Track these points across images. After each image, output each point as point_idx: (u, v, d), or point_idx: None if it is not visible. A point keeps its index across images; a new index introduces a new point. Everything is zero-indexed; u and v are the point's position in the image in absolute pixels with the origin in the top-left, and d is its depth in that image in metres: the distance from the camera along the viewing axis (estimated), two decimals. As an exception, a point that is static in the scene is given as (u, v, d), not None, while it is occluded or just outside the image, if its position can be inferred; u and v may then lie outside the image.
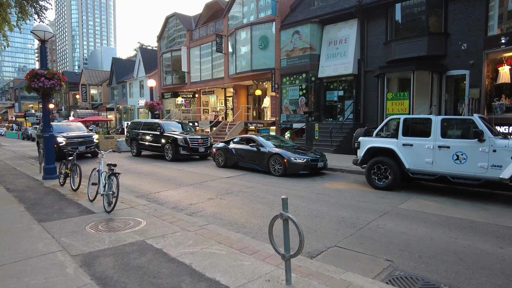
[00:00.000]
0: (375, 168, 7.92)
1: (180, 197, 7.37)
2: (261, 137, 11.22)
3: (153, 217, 5.45)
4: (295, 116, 18.27)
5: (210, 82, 25.01)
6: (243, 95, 24.02)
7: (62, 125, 15.59)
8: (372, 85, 15.66)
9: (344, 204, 6.59)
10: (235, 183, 8.90)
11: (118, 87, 41.17)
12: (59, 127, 15.19)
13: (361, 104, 16.22)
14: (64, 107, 54.30)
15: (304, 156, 9.81)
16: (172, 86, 28.69)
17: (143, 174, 10.55)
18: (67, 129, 15.28)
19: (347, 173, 10.34)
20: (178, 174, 10.52)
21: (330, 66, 16.81)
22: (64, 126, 15.52)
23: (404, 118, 7.76)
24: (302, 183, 8.84)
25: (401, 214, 5.90)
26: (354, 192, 7.67)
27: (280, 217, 3.15)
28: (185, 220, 5.30)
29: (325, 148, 14.44)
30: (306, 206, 6.49)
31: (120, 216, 5.50)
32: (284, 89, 18.98)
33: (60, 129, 15.06)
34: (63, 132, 14.67)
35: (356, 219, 5.62)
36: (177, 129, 15.18)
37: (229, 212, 6.14)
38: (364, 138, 8.38)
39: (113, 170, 5.84)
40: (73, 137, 14.06)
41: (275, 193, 7.62)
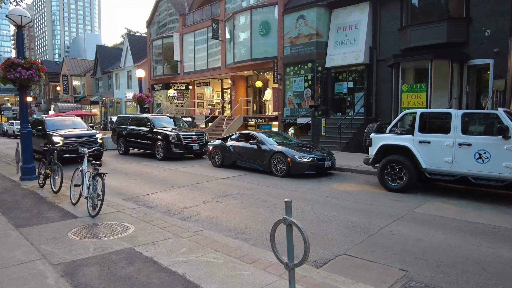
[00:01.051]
0: (388, 168, 7.93)
1: (172, 200, 7.38)
2: (262, 134, 11.22)
3: (143, 222, 5.46)
4: (300, 110, 18.26)
5: (206, 72, 24.98)
6: (242, 86, 23.99)
7: (57, 121, 14.06)
8: (385, 76, 15.63)
9: (354, 208, 6.60)
10: (233, 185, 8.91)
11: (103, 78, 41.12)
12: (53, 123, 13.69)
13: (373, 97, 16.19)
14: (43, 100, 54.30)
15: (310, 155, 9.81)
16: (163, 76, 28.67)
17: (132, 175, 10.56)
18: (64, 125, 13.77)
19: (357, 173, 10.34)
20: (170, 175, 10.52)
21: (339, 54, 16.77)
22: (60, 122, 13.99)
23: (421, 113, 7.75)
24: (308, 184, 8.84)
25: (417, 219, 5.90)
26: (365, 195, 7.67)
27: (283, 222, 3.14)
28: (178, 225, 5.30)
29: (333, 146, 14.44)
30: (311, 209, 6.49)
31: (106, 221, 5.51)
32: (287, 80, 18.95)
33: (55, 125, 13.55)
34: (59, 129, 13.20)
35: (367, 224, 5.63)
36: (169, 124, 15.17)
37: (226, 216, 6.15)
38: (377, 134, 8.38)
39: (98, 170, 5.85)
40: (72, 136, 12.66)
41: (278, 196, 7.63)
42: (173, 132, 13.82)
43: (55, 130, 12.99)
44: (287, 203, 3.15)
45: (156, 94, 30.69)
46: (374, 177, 9.43)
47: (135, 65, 32.78)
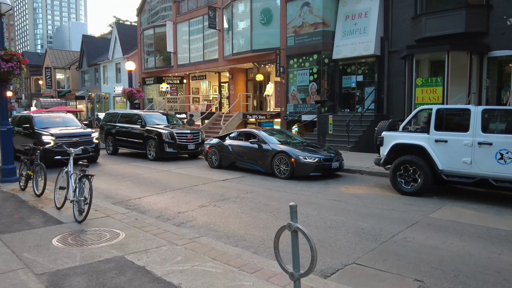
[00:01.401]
0: (401, 169, 7.93)
1: (166, 204, 7.38)
2: (263, 132, 11.22)
3: (134, 228, 5.47)
4: (305, 106, 18.26)
5: (201, 64, 24.98)
6: (241, 80, 23.99)
7: (47, 118, 13.54)
8: (398, 69, 15.63)
9: (364, 213, 6.60)
10: (232, 187, 8.91)
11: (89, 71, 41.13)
12: (42, 120, 13.17)
13: (385, 91, 16.19)
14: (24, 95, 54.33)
15: (316, 155, 9.81)
16: (155, 69, 28.67)
17: (121, 176, 10.56)
18: (54, 123, 13.26)
19: (367, 175, 10.35)
20: (163, 176, 10.53)
21: (347, 45, 16.77)
22: (50, 119, 13.48)
23: (437, 109, 7.75)
24: (313, 187, 8.85)
25: (433, 225, 5.91)
26: (376, 198, 7.67)
27: (288, 228, 3.14)
28: (173, 231, 5.31)
29: (341, 145, 14.44)
30: (318, 214, 6.50)
31: (94, 227, 5.52)
32: (291, 73, 18.95)
33: (45, 123, 13.05)
34: (49, 127, 12.72)
35: (379, 230, 5.63)
36: (162, 121, 15.17)
37: (225, 222, 6.15)
38: (389, 133, 8.38)
39: (85, 171, 5.85)
40: (64, 135, 12.18)
41: (281, 199, 7.63)
42: (166, 130, 13.83)
43: (45, 129, 12.51)
44: (292, 207, 3.15)
45: (147, 89, 30.69)
46: (386, 179, 9.43)
47: (125, 57, 32.79)
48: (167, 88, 28.79)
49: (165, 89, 28.74)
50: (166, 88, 28.77)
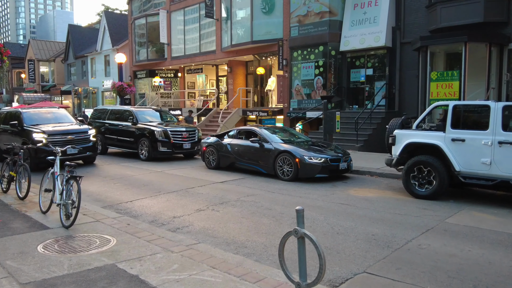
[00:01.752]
0: (415, 170, 7.93)
1: (160, 208, 7.39)
2: (265, 130, 11.23)
3: (126, 233, 5.47)
4: (309, 102, 18.26)
5: (198, 57, 24.98)
6: (240, 74, 23.99)
7: (37, 114, 13.06)
8: (411, 62, 15.62)
9: (375, 218, 6.61)
10: (231, 190, 8.92)
11: (76, 64, 41.14)
12: (31, 116, 12.71)
13: (396, 86, 16.19)
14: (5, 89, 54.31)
15: (322, 155, 9.82)
16: (147, 62, 28.67)
17: (111, 178, 10.58)
18: (46, 119, 12.80)
19: (377, 176, 10.35)
20: (156, 178, 10.54)
21: (356, 36, 16.76)
22: (41, 115, 13.00)
23: (454, 105, 7.75)
24: (319, 190, 8.86)
25: (450, 231, 5.92)
26: (387, 202, 7.68)
27: (294, 234, 3.15)
28: (168, 237, 5.32)
29: (349, 144, 14.45)
30: (325, 219, 6.51)
31: (83, 233, 5.53)
32: (295, 66, 18.95)
33: (35, 119, 12.56)
34: (39, 124, 12.24)
35: (391, 237, 5.64)
36: (155, 118, 15.18)
37: (224, 227, 6.16)
38: (401, 131, 8.38)
39: (73, 172, 5.86)
40: (58, 133, 11.79)
41: (284, 203, 7.64)
42: (159, 127, 13.84)
43: (35, 126, 12.04)
44: (298, 211, 3.16)
45: (139, 83, 30.70)
46: (398, 182, 9.44)
47: (114, 49, 32.80)
48: (160, 82, 28.79)
49: (158, 83, 28.74)
50: (159, 82, 28.77)
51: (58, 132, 11.88)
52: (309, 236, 3.04)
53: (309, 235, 3.04)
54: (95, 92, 37.70)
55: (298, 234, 3.12)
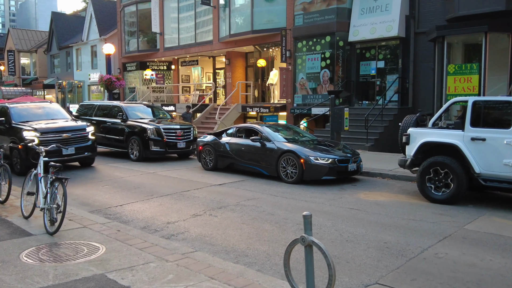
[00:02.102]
0: (431, 172, 7.94)
1: (152, 213, 7.40)
2: (266, 128, 11.24)
3: (116, 241, 5.48)
4: (315, 97, 18.26)
5: (193, 48, 24.97)
6: (240, 67, 23.97)
7: (26, 109, 12.68)
8: (426, 53, 15.61)
9: (387, 224, 6.61)
10: (230, 193, 8.92)
11: (60, 55, 41.12)
12: (20, 112, 12.35)
13: (410, 80, 16.18)
14: (-17, 83, 54.30)
15: (329, 155, 9.82)
16: (138, 53, 28.66)
17: (99, 180, 10.59)
18: (36, 115, 12.42)
19: (390, 179, 10.36)
20: (148, 180, 10.55)
21: (366, 25, 16.74)
22: (31, 111, 12.64)
23: (474, 101, 7.75)
24: (327, 193, 8.87)
25: (469, 238, 5.92)
26: (400, 207, 7.69)
27: (301, 242, 3.16)
28: (162, 245, 5.33)
29: (358, 144, 14.45)
30: (332, 226, 6.52)
31: (69, 240, 5.53)
32: (299, 58, 18.93)
33: (24, 115, 12.20)
34: (30, 120, 11.89)
35: (405, 245, 5.65)
36: (146, 115, 15.18)
37: (223, 234, 6.17)
38: (416, 129, 8.38)
39: (58, 173, 5.86)
40: (52, 130, 11.39)
41: (288, 208, 7.65)
42: (151, 125, 13.84)
43: (25, 122, 11.66)
44: (306, 217, 3.17)
45: (128, 76, 30.68)
46: (412, 184, 9.44)
47: (102, 39, 32.77)
48: (152, 75, 28.75)
49: (150, 76, 28.70)
50: (151, 75, 28.73)
51: (52, 129, 11.42)
52: (317, 244, 3.05)
53: (317, 243, 3.05)
54: (80, 86, 37.67)
55: (305, 242, 3.12)
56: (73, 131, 11.79)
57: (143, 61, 28.90)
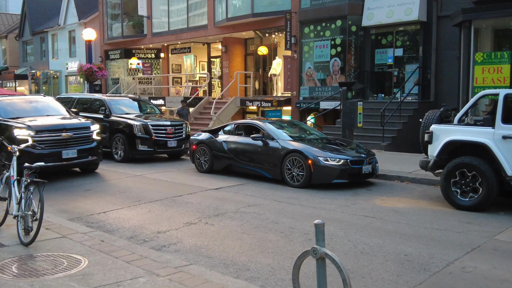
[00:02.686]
0: (456, 175, 7.92)
1: (140, 221, 7.40)
2: (269, 124, 11.24)
3: (100, 252, 5.47)
4: (324, 89, 18.26)
5: (185, 33, 24.95)
6: (238, 55, 23.97)
7: (14, 103, 12.07)
8: (451, 40, 15.61)
9: (408, 234, 6.61)
10: (228, 199, 8.92)
11: (34, 41, 41.08)
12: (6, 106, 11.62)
13: (432, 70, 16.17)
14: None
15: (340, 156, 9.82)
16: (122, 39, 28.64)
17: (79, 183, 10.60)
18: (27, 110, 11.74)
19: (409, 182, 10.36)
20: (135, 183, 10.55)
21: (382, 7, 16.73)
22: (20, 105, 12.00)
23: (506, 94, 7.74)
24: (338, 198, 8.87)
25: (500, 250, 5.92)
26: (422, 214, 7.68)
27: (312, 254, 3.16)
28: (152, 257, 5.32)
29: (374, 142, 14.46)
30: (345, 236, 6.51)
31: (46, 251, 5.52)
32: (306, 45, 18.92)
33: (11, 111, 11.43)
34: (20, 116, 11.11)
35: (428, 257, 5.65)
36: (132, 110, 15.19)
37: (221, 245, 6.17)
38: (440, 126, 8.37)
39: (34, 176, 5.85)
40: (48, 128, 10.67)
41: (294, 215, 7.65)
42: (138, 121, 13.84)
43: (14, 119, 10.92)
44: (318, 226, 3.17)
45: (112, 65, 30.69)
46: (435, 189, 9.44)
47: (81, 23, 32.76)
48: (139, 64, 28.76)
49: (136, 66, 28.72)
50: (137, 64, 28.75)
51: (49, 127, 10.73)
52: (331, 257, 3.05)
53: (331, 256, 3.05)
54: (57, 76, 37.64)
55: (317, 254, 3.12)
56: (75, 129, 11.08)
57: (128, 49, 28.90)
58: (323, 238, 3.17)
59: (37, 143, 10.08)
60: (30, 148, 9.58)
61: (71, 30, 34.96)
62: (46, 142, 10.34)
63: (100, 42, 30.20)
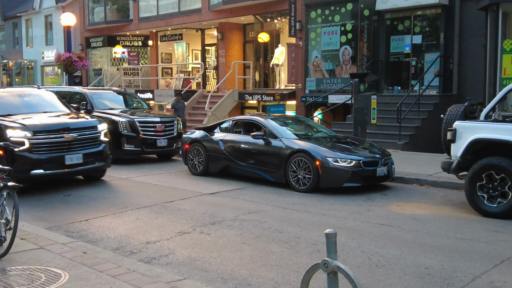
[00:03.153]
0: (483, 178, 7.91)
1: (127, 230, 7.38)
2: (271, 121, 11.23)
3: (82, 265, 5.46)
4: (333, 81, 18.25)
5: (176, 18, 24.93)
6: (236, 42, 23.96)
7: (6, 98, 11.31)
8: (475, 26, 15.59)
9: (428, 244, 6.60)
10: (226, 205, 8.91)
11: (5, 27, 41.07)
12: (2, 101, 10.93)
13: (455, 60, 16.15)
14: None
15: (352, 156, 9.82)
16: (105, 25, 28.61)
17: (58, 187, 10.56)
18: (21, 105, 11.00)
19: (429, 186, 10.36)
20: (121, 187, 10.56)
21: (398, -11, 16.73)
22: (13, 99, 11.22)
23: (538, 87, 7.74)
24: (349, 204, 8.86)
25: (533, 263, 5.91)
26: (444, 222, 7.67)
27: (322, 268, 3.16)
28: (141, 271, 5.30)
29: (389, 141, 14.46)
30: (358, 246, 6.50)
31: (22, 265, 5.50)
32: (312, 31, 18.91)
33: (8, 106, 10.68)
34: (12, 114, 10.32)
35: (452, 271, 5.64)
36: (117, 104, 15.19)
37: (218, 257, 6.16)
38: (464, 123, 8.36)
39: (7, 180, 5.83)
40: (48, 128, 9.92)
41: (301, 223, 7.64)
42: (123, 117, 13.82)
43: (5, 116, 10.09)
44: (329, 236, 3.17)
45: (93, 54, 30.68)
46: (459, 193, 9.44)
47: (59, 6, 32.74)
48: (124, 53, 28.75)
49: (121, 55, 28.71)
50: (122, 53, 28.74)
51: (49, 127, 9.98)
52: (344, 271, 3.04)
53: (344, 270, 3.04)
54: (31, 66, 37.64)
55: (328, 267, 3.12)
56: (80, 129, 10.30)
57: (112, 36, 28.88)
58: (335, 250, 3.17)
59: (35, 146, 9.50)
60: (26, 152, 9.26)
61: (48, 14, 34.94)
62: (46, 145, 9.70)
63: (80, 28, 30.18)
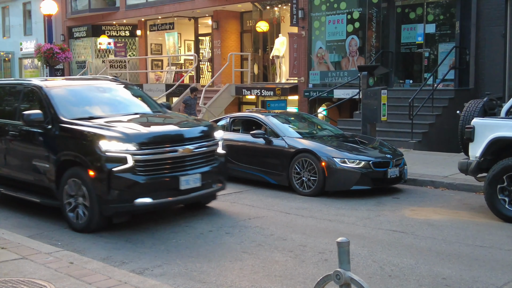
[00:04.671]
0: (504, 180, 7.92)
1: (116, 237, 7.37)
2: (273, 118, 11.23)
3: (69, 277, 5.45)
4: (339, 74, 18.25)
5: (167, 5, 24.88)
6: (232, 32, 23.94)
7: (77, 89, 9.31)
8: (494, 14, 15.59)
9: (445, 252, 6.61)
10: (224, 210, 8.92)
11: (-20, 16, 40.96)
12: (66, 97, 8.61)
13: (472, 51, 16.14)
14: None
15: (361, 156, 9.83)
16: (89, 13, 28.54)
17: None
18: (102, 104, 9.14)
19: (445, 189, 10.36)
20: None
21: (410, -26, 16.74)
22: (87, 93, 9.33)
23: None
24: (359, 209, 8.87)
25: (560, 272, 5.93)
26: (462, 228, 7.67)
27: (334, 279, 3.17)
28: (133, 283, 5.29)
29: (401, 140, 14.47)
30: (369, 255, 6.50)
31: (3, 276, 5.48)
32: (316, 20, 18.91)
33: (77, 105, 8.65)
34: (94, 116, 8.40)
35: (471, 281, 5.65)
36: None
37: (217, 267, 6.16)
38: (483, 120, 8.36)
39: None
40: (158, 141, 7.81)
41: (306, 230, 7.64)
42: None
43: (86, 120, 8.16)
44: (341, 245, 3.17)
45: (77, 45, 30.64)
46: (478, 197, 9.44)
47: (39, -7, 32.69)
48: (110, 44, 28.68)
49: (106, 46, 28.64)
50: (108, 44, 28.66)
51: (158, 136, 8.02)
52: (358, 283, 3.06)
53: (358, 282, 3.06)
54: (8, 59, 37.56)
55: (341, 279, 3.13)
56: (196, 139, 8.29)
57: (97, 25, 28.83)
58: (348, 260, 3.17)
59: (142, 165, 7.50)
60: (130, 173, 7.37)
61: (26, 2, 34.87)
62: (156, 163, 7.70)
63: (62, 17, 30.12)
